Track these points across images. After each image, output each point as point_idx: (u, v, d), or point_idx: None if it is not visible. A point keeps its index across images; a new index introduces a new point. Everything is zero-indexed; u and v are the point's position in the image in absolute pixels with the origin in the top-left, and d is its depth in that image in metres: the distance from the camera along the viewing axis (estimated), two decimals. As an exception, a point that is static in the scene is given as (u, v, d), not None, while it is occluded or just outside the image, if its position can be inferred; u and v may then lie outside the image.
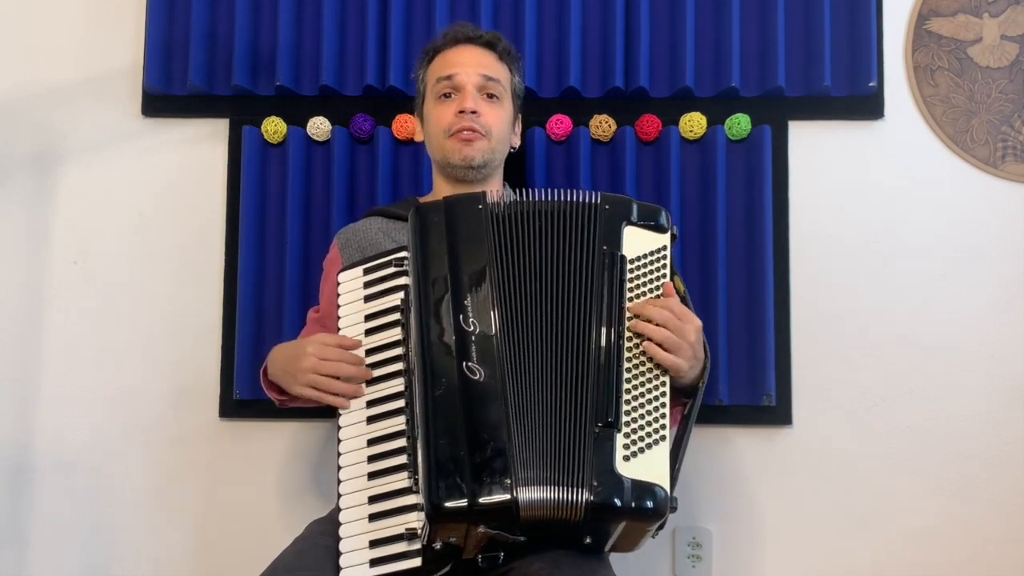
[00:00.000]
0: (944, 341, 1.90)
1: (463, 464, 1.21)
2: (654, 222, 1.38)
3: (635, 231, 1.37)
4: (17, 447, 1.98)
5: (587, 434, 1.24)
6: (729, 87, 1.90)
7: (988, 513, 1.87)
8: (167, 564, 1.95)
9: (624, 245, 1.35)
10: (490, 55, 1.63)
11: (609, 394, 1.26)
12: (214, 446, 1.96)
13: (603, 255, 1.33)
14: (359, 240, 1.62)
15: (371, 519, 1.27)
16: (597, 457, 1.22)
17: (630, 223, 1.37)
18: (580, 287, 1.32)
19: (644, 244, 1.37)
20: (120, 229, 2.01)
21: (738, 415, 1.88)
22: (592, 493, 1.20)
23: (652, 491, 1.22)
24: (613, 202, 1.38)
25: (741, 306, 1.88)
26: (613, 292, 1.32)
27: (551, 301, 1.31)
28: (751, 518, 1.90)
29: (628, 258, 1.35)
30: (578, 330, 1.29)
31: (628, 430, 1.25)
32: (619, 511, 1.21)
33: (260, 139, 1.96)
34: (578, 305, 1.31)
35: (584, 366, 1.27)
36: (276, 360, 1.52)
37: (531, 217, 1.35)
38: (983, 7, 1.92)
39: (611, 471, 1.22)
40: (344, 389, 1.37)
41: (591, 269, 1.32)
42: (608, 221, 1.36)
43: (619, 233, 1.36)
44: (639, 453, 1.24)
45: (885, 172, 1.93)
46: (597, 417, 1.24)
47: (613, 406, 1.25)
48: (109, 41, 2.04)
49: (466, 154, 1.57)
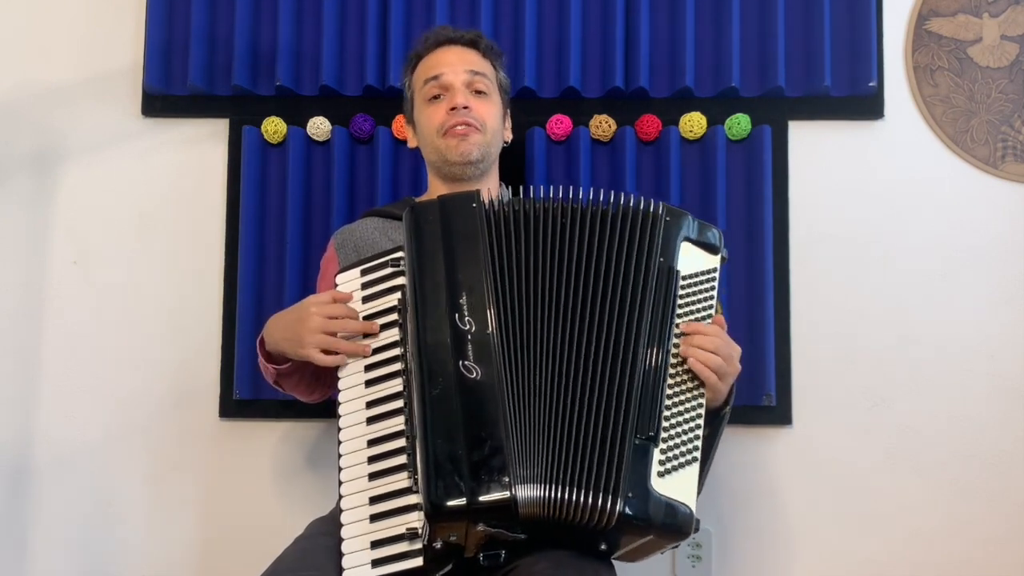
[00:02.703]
0: (944, 341, 1.90)
1: (461, 463, 1.21)
2: (707, 241, 1.38)
3: (690, 247, 1.37)
4: (17, 447, 1.98)
5: (627, 444, 1.23)
6: (729, 87, 1.90)
7: (988, 513, 1.87)
8: (167, 564, 1.95)
9: (679, 260, 1.35)
10: (473, 53, 1.64)
11: (652, 408, 1.26)
12: (214, 446, 1.96)
13: (659, 267, 1.33)
14: (355, 240, 1.62)
15: (372, 519, 1.27)
16: (634, 468, 1.22)
17: (687, 239, 1.37)
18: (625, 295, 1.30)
19: (696, 263, 1.37)
20: (120, 229, 2.01)
21: (738, 415, 1.87)
22: (626, 503, 1.20)
23: (681, 510, 1.23)
24: (673, 213, 1.37)
25: (741, 306, 1.88)
26: (667, 306, 1.31)
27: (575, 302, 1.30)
28: (751, 518, 1.91)
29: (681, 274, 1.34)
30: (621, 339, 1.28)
31: (665, 446, 1.25)
32: (649, 525, 1.22)
33: (260, 139, 1.96)
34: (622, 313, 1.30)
35: (626, 376, 1.27)
36: (276, 328, 1.49)
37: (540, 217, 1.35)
38: (983, 7, 1.92)
39: (645, 485, 1.22)
40: (351, 348, 1.37)
41: (641, 279, 1.31)
42: (667, 232, 1.35)
43: (676, 246, 1.35)
44: (673, 471, 1.25)
45: (885, 172, 1.93)
46: (639, 429, 1.24)
47: (656, 421, 1.25)
48: (109, 41, 2.04)
49: (463, 149, 1.57)
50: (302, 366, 1.50)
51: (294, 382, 1.57)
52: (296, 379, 1.56)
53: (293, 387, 1.58)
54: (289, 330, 1.44)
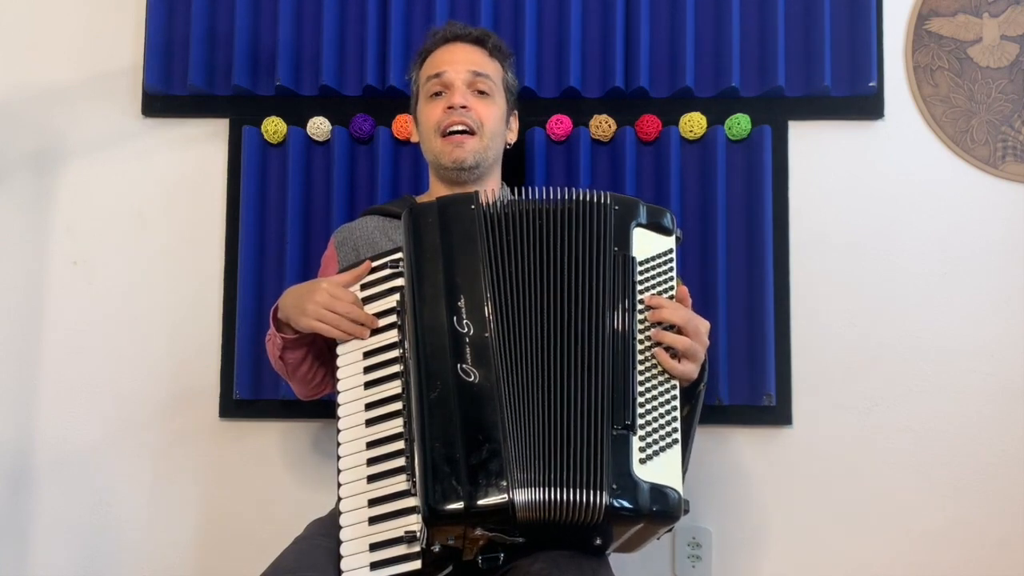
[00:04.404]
0: (944, 341, 1.90)
1: (459, 466, 1.21)
2: (661, 224, 1.38)
3: (643, 233, 1.37)
4: (17, 447, 1.98)
5: (604, 436, 1.23)
6: (729, 87, 1.90)
7: (988, 513, 1.87)
8: (167, 564, 1.96)
9: (634, 247, 1.35)
10: (480, 52, 1.63)
11: (625, 397, 1.26)
12: (214, 446, 1.97)
13: (615, 256, 1.33)
14: (355, 239, 1.63)
15: (371, 522, 1.27)
16: (614, 460, 1.22)
17: (639, 224, 1.37)
18: (587, 289, 1.31)
19: (652, 246, 1.36)
20: (120, 229, 2.01)
21: (738, 415, 1.88)
22: (611, 495, 1.20)
23: (668, 494, 1.23)
24: (622, 202, 1.37)
25: (741, 306, 1.88)
26: (626, 294, 1.31)
27: (552, 301, 1.30)
28: (751, 518, 1.91)
29: (638, 260, 1.34)
30: (586, 332, 1.29)
31: (643, 432, 1.25)
32: (637, 514, 1.22)
33: (260, 139, 1.96)
34: (585, 307, 1.30)
35: (596, 368, 1.27)
36: (289, 295, 1.49)
37: (530, 217, 1.35)
38: (983, 7, 1.92)
39: (628, 474, 1.22)
40: (349, 327, 1.37)
41: (601, 271, 1.31)
42: (619, 222, 1.35)
43: (629, 234, 1.35)
44: (654, 456, 1.25)
45: (885, 172, 1.93)
46: (614, 420, 1.24)
47: (630, 409, 1.25)
48: (109, 41, 2.04)
49: (456, 156, 1.57)
50: (307, 342, 1.51)
51: (298, 359, 1.55)
52: (300, 356, 1.55)
53: (295, 367, 1.57)
54: (299, 299, 1.45)
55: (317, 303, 1.40)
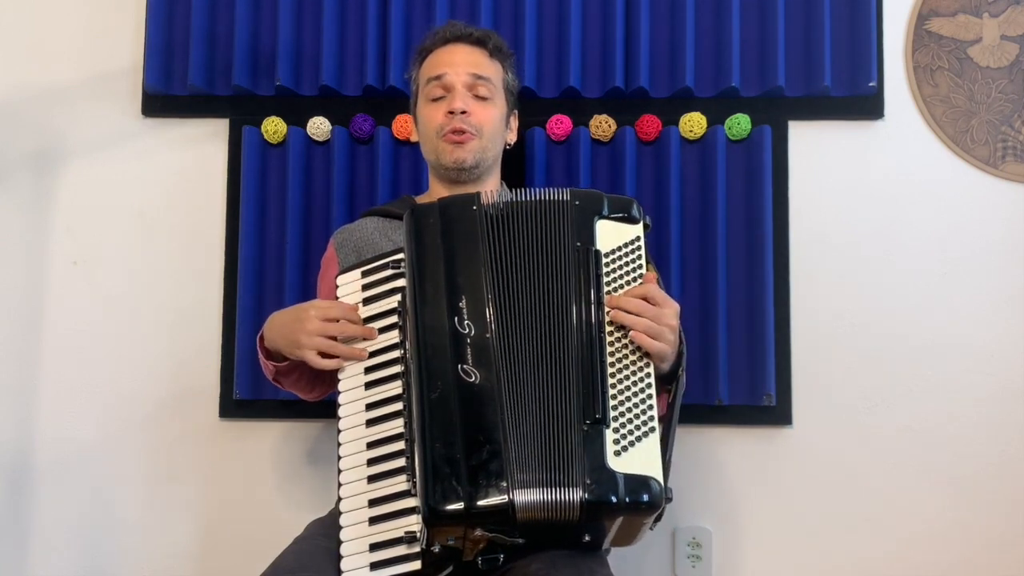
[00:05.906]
0: (944, 341, 1.90)
1: (459, 467, 1.21)
2: (626, 214, 1.38)
3: (608, 224, 1.37)
4: (17, 447, 1.98)
5: (576, 432, 1.23)
6: (729, 87, 1.90)
7: (988, 513, 1.87)
8: (167, 564, 1.96)
9: (598, 239, 1.35)
10: (480, 53, 1.63)
11: (595, 390, 1.26)
12: (214, 446, 1.97)
13: (577, 251, 1.33)
14: (355, 240, 1.63)
15: (371, 522, 1.27)
16: (588, 455, 1.22)
17: (602, 217, 1.37)
18: (557, 285, 1.31)
19: (618, 237, 1.36)
20: (120, 229, 2.01)
21: (738, 415, 1.88)
22: (586, 491, 1.20)
23: (646, 484, 1.22)
24: (583, 197, 1.37)
25: (741, 306, 1.88)
26: (590, 287, 1.31)
27: (535, 301, 1.31)
28: (751, 518, 1.91)
29: (603, 252, 1.34)
30: (559, 328, 1.29)
31: (617, 424, 1.25)
32: (615, 507, 1.21)
33: (260, 139, 1.96)
34: (557, 303, 1.30)
35: (567, 364, 1.27)
36: (275, 326, 1.49)
37: (517, 217, 1.35)
38: (983, 7, 1.92)
39: (603, 467, 1.22)
40: (347, 352, 1.37)
41: (567, 266, 1.32)
42: (579, 217, 1.35)
43: (591, 228, 1.35)
44: (630, 447, 1.24)
45: (885, 172, 1.93)
46: (584, 415, 1.24)
47: (600, 402, 1.25)
48: (109, 41, 2.04)
49: (457, 156, 1.57)
50: (300, 365, 1.50)
51: (293, 380, 1.57)
52: (295, 377, 1.56)
53: (292, 385, 1.59)
54: (287, 329, 1.45)
55: (310, 332, 1.39)
